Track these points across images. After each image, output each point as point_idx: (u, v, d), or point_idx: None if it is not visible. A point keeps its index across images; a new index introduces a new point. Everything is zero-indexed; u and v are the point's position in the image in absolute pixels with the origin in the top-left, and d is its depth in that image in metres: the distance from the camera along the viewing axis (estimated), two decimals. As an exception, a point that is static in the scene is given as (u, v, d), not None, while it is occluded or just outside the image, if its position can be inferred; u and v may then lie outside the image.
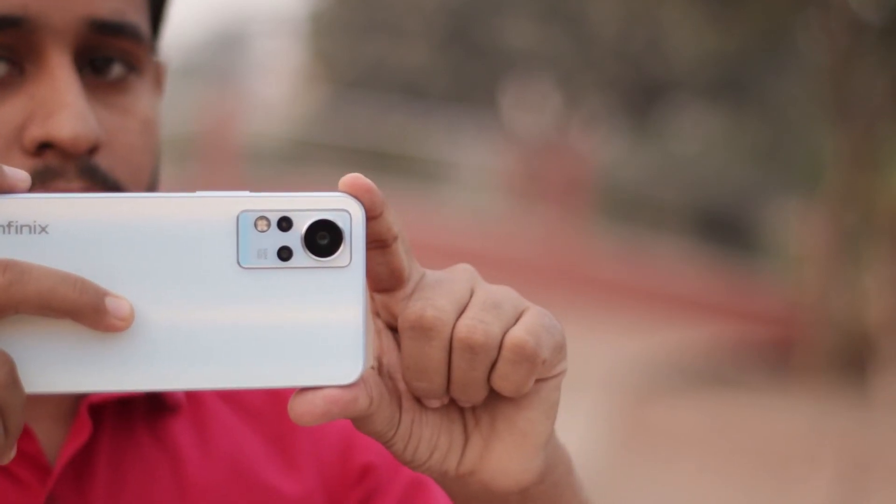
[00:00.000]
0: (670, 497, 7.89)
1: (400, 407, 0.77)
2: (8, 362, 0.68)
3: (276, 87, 26.26)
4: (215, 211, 0.71)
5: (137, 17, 0.92)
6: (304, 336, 0.72)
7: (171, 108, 13.81)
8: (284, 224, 0.71)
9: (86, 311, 0.69)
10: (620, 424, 9.35)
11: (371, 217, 0.73)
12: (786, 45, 15.22)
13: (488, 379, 0.75)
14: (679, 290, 13.26)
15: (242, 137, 14.55)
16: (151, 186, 0.94)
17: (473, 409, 0.79)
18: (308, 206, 0.72)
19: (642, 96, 19.03)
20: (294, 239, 0.71)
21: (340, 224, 0.72)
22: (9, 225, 0.69)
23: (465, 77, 19.31)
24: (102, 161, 0.89)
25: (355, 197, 0.72)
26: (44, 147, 0.88)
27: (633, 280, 13.21)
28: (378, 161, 14.43)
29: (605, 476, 7.50)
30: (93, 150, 0.88)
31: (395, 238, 0.75)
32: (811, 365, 11.40)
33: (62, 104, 0.87)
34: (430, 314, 0.74)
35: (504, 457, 0.78)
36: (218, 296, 0.71)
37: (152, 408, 0.96)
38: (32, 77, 0.89)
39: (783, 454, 8.34)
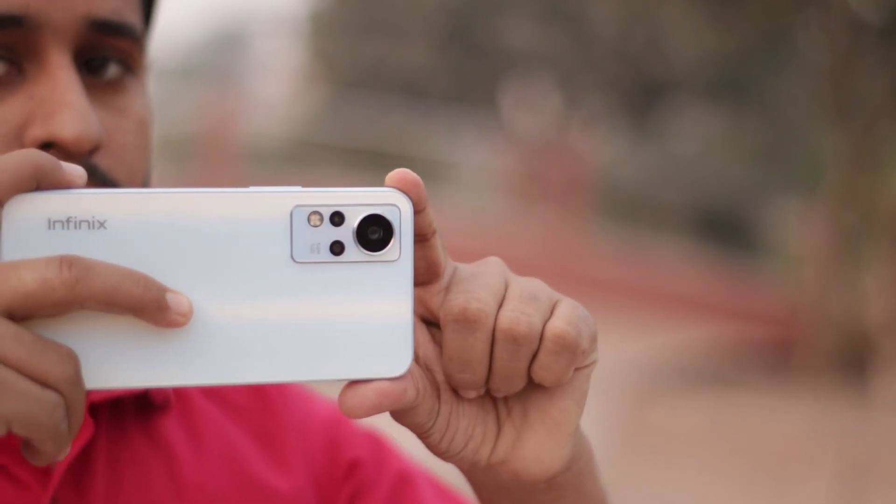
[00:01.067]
0: (670, 497, 7.89)
1: (439, 398, 0.78)
2: (74, 358, 0.68)
3: (276, 87, 26.27)
4: (269, 206, 0.72)
5: (134, 17, 0.92)
6: (355, 329, 0.73)
7: (171, 108, 13.82)
8: (337, 219, 0.72)
9: (149, 307, 0.69)
10: (620, 424, 9.35)
11: (417, 211, 0.74)
12: (786, 45, 15.22)
13: (528, 369, 0.76)
14: (679, 290, 13.26)
15: (242, 137, 14.54)
16: (144, 187, 0.94)
17: (506, 399, 0.80)
18: (359, 200, 0.73)
19: (642, 96, 19.03)
20: (346, 233, 0.72)
21: (391, 218, 0.73)
22: (68, 220, 0.69)
23: (465, 77, 19.31)
24: (101, 161, 0.89)
25: (403, 192, 0.73)
26: (45, 147, 0.87)
27: (633, 280, 13.21)
28: (378, 161, 14.42)
29: (605, 476, 7.48)
30: (93, 149, 0.88)
31: (434, 232, 0.76)
32: (811, 365, 11.39)
33: (64, 104, 0.86)
34: (475, 307, 0.75)
35: (536, 446, 0.79)
36: (272, 290, 0.72)
37: (142, 406, 0.96)
38: (32, 76, 0.88)
39: (783, 454, 8.33)
